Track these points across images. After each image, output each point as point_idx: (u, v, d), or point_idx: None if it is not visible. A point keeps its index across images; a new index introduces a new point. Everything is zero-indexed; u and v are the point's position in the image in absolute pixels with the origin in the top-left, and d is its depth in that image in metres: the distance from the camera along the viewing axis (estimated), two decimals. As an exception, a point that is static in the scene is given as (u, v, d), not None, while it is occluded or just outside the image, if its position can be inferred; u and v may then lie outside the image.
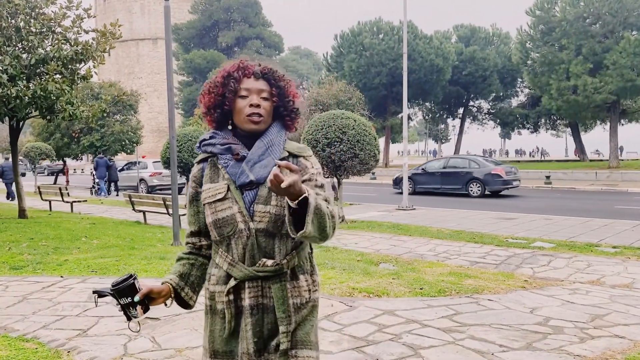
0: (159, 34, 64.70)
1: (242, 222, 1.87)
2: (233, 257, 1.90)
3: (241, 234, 1.87)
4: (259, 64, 1.99)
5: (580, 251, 8.36)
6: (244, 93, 1.92)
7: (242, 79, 1.94)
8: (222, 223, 1.89)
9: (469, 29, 44.40)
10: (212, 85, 1.98)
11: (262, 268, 1.86)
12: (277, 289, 1.88)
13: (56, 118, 12.62)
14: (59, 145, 26.67)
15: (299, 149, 2.00)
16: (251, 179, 1.88)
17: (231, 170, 1.91)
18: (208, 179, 1.96)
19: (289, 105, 2.00)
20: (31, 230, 10.85)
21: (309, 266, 2.00)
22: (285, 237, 1.90)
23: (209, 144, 1.98)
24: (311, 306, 1.96)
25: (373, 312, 5.07)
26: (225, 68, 1.99)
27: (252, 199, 1.88)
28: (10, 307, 5.34)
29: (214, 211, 1.90)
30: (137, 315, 1.85)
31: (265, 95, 1.94)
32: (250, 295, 1.88)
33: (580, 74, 27.89)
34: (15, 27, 11.50)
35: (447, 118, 50.62)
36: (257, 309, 1.88)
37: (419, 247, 9.00)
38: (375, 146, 11.85)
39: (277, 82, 1.97)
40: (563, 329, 4.58)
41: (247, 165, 1.89)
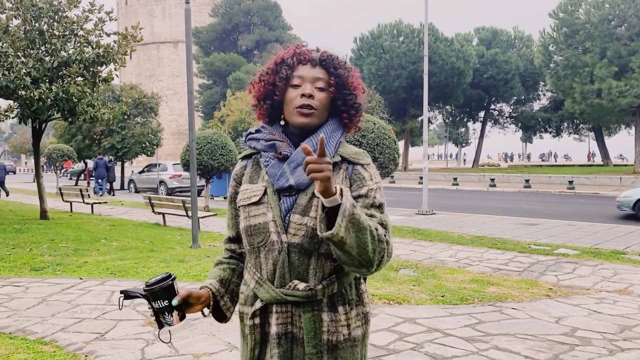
0: (180, 37, 65.25)
1: (275, 233, 1.60)
2: (261, 274, 1.64)
3: (272, 246, 1.60)
4: (318, 49, 1.72)
5: (606, 259, 8.14)
6: (297, 82, 1.65)
7: (296, 66, 1.67)
8: (254, 231, 1.64)
9: (490, 31, 43.96)
10: (264, 73, 1.73)
11: (292, 292, 1.59)
12: (307, 319, 1.59)
13: (77, 120, 12.73)
14: (80, 147, 27.01)
15: (355, 154, 1.69)
16: (290, 183, 1.60)
17: (271, 171, 1.65)
18: (248, 179, 1.73)
19: (349, 98, 1.69)
20: (52, 232, 10.95)
21: (353, 296, 1.68)
22: (324, 258, 1.60)
23: (253, 139, 1.74)
24: (350, 345, 1.64)
25: (393, 319, 4.96)
26: (279, 54, 1.73)
27: (290, 207, 1.61)
28: (30, 309, 5.35)
29: (247, 216, 1.66)
30: (172, 323, 1.58)
31: (322, 85, 1.65)
32: (278, 322, 1.61)
33: (605, 77, 27.41)
34: (39, 30, 11.64)
35: (467, 121, 50.16)
36: (286, 338, 1.61)
37: (440, 252, 8.86)
38: (394, 150, 11.73)
39: (336, 71, 1.67)
40: (591, 340, 4.43)
41: (288, 166, 1.62)
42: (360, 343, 1.67)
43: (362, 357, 1.68)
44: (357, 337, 1.65)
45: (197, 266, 7.37)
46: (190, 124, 9.80)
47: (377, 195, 1.63)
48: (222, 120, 29.51)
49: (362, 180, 1.64)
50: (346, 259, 1.48)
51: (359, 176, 1.65)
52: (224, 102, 31.70)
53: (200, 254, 8.45)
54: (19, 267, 7.43)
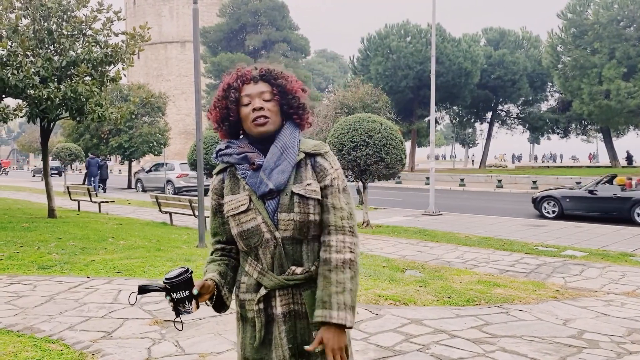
0: (187, 37, 65.41)
1: (268, 232, 1.85)
2: (263, 266, 1.88)
3: (268, 243, 1.85)
4: (256, 68, 1.96)
5: (614, 261, 8.10)
6: (246, 100, 1.90)
7: (242, 86, 1.92)
8: (248, 234, 1.87)
9: (498, 32, 43.79)
10: (216, 100, 1.97)
11: (292, 277, 1.86)
12: (307, 295, 1.86)
13: (85, 119, 12.78)
14: (88, 146, 27.12)
15: (314, 146, 1.94)
16: (270, 187, 1.84)
17: (250, 181, 1.88)
18: (229, 191, 1.94)
19: (293, 102, 1.94)
20: (60, 230, 11.00)
21: None
22: (312, 243, 1.89)
23: (225, 154, 1.96)
24: None
25: (400, 320, 4.95)
26: (225, 80, 1.97)
27: (275, 207, 1.86)
28: (38, 307, 5.38)
29: (238, 223, 1.89)
30: (191, 310, 1.80)
31: (267, 97, 1.90)
32: (282, 303, 1.87)
33: (614, 78, 27.26)
34: (48, 29, 11.69)
35: (474, 122, 49.98)
36: (290, 315, 1.87)
37: (446, 253, 8.84)
38: (401, 150, 11.73)
39: (276, 81, 1.93)
40: (598, 343, 4.40)
41: (264, 173, 1.86)
42: None
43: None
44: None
45: (204, 265, 7.38)
46: (198, 123, 9.83)
47: (339, 183, 1.92)
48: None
49: (324, 170, 1.91)
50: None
51: (320, 167, 1.91)
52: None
53: (206, 254, 8.41)
54: (27, 265, 7.47)
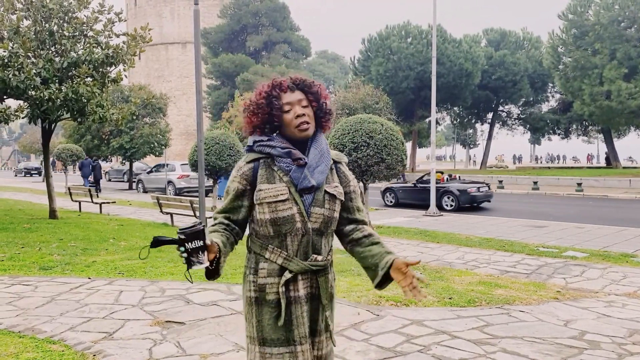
0: (188, 38, 65.44)
1: (300, 222, 2.09)
2: (288, 252, 2.10)
3: (297, 232, 2.09)
4: (290, 77, 2.19)
5: (615, 262, 8.09)
6: (287, 107, 2.12)
7: (280, 94, 2.14)
8: (282, 221, 2.08)
9: (499, 32, 43.79)
10: (256, 107, 2.16)
11: (315, 263, 2.12)
12: (322, 280, 2.16)
13: (87, 120, 12.80)
14: (89, 146, 27.16)
15: (337, 155, 2.27)
16: (313, 184, 2.09)
17: (294, 175, 2.09)
18: (265, 180, 2.12)
19: (324, 107, 2.20)
20: (61, 231, 11.01)
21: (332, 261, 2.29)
22: (329, 236, 2.20)
23: (267, 145, 2.14)
24: (334, 295, 2.27)
25: (401, 321, 4.95)
26: (261, 90, 2.17)
27: (310, 202, 2.11)
28: (39, 308, 5.38)
29: (273, 210, 2.08)
30: (204, 262, 1.91)
31: (305, 104, 2.15)
32: (304, 285, 2.13)
33: (615, 79, 27.24)
34: (49, 31, 11.71)
35: (475, 123, 49.96)
36: (310, 297, 2.15)
37: (447, 254, 8.84)
38: (402, 151, 11.71)
39: (310, 89, 2.17)
40: (600, 344, 4.40)
41: (308, 171, 2.09)
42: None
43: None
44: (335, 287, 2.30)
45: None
46: (199, 124, 9.84)
47: (357, 189, 2.30)
48: (230, 121, 29.58)
49: (347, 178, 2.27)
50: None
51: (344, 174, 2.27)
52: (232, 103, 31.74)
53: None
54: (28, 266, 7.48)
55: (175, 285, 6.35)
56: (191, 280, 2.08)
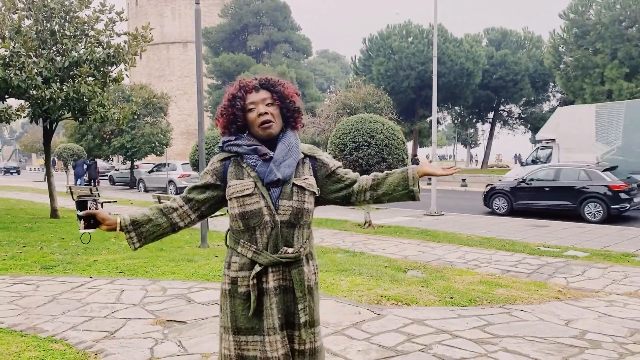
0: (189, 37, 65.45)
1: (268, 215, 2.15)
2: (257, 246, 2.17)
3: (266, 225, 2.15)
4: (255, 78, 2.27)
5: (616, 261, 8.08)
6: (251, 106, 2.21)
7: (245, 95, 2.22)
8: (250, 215, 2.15)
9: (500, 32, 43.77)
10: (223, 109, 2.26)
11: (285, 255, 2.16)
12: (295, 273, 2.18)
13: (88, 120, 12.81)
14: (91, 146, 27.17)
15: (310, 149, 2.33)
16: (279, 177, 2.14)
17: (260, 169, 2.16)
18: (233, 176, 2.21)
19: (290, 105, 2.26)
20: (62, 230, 11.02)
21: (313, 253, 2.33)
22: (303, 228, 2.21)
23: (234, 144, 2.24)
24: (316, 287, 2.30)
25: (402, 321, 4.96)
26: (229, 91, 2.27)
27: (278, 195, 2.17)
28: (41, 307, 5.39)
29: (241, 204, 2.16)
30: (80, 228, 2.25)
31: (269, 102, 2.22)
32: (274, 278, 2.17)
33: (616, 78, 27.22)
34: (50, 30, 11.72)
35: (476, 122, 49.97)
36: (280, 289, 2.18)
37: (448, 254, 8.84)
38: (403, 150, 11.72)
39: (274, 88, 2.25)
40: (601, 344, 4.40)
41: (274, 164, 2.15)
42: (318, 284, 2.34)
43: (318, 295, 2.33)
44: (317, 281, 2.32)
45: (206, 265, 7.40)
46: (200, 124, 9.84)
47: (338, 164, 2.37)
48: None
49: (326, 165, 2.33)
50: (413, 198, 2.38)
51: (322, 163, 2.32)
52: (233, 102, 31.62)
53: (208, 254, 8.48)
54: (30, 265, 7.49)
55: (176, 284, 6.36)
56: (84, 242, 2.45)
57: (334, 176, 2.34)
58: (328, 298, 5.74)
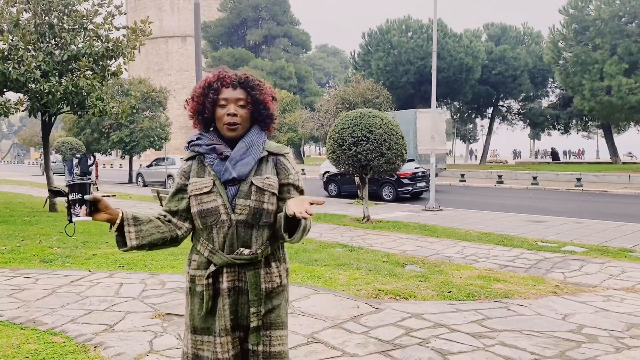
0: (188, 31, 65.35)
1: (225, 214, 2.09)
2: (214, 245, 2.12)
3: (223, 224, 2.10)
4: (235, 74, 2.17)
5: (614, 256, 8.11)
6: (223, 102, 2.13)
7: (221, 89, 2.14)
8: (207, 213, 2.11)
9: (499, 27, 43.70)
10: (195, 94, 2.19)
11: (239, 256, 2.09)
12: (251, 275, 2.11)
13: (87, 114, 12.80)
14: (89, 140, 27.13)
15: (277, 147, 2.23)
16: (234, 175, 2.10)
17: (216, 168, 2.12)
18: (195, 174, 2.18)
19: (263, 112, 2.19)
20: (61, 224, 11.03)
21: (280, 254, 2.24)
22: (262, 229, 2.14)
23: (196, 145, 2.19)
24: (281, 290, 2.21)
25: (400, 315, 4.98)
26: (206, 78, 2.19)
27: (234, 193, 2.11)
28: (40, 300, 5.41)
29: (199, 202, 2.12)
30: (79, 214, 1.94)
31: (242, 103, 2.14)
32: (228, 279, 2.11)
33: (615, 74, 27.21)
34: (49, 23, 11.70)
35: (475, 118, 49.96)
36: (234, 291, 2.12)
37: (446, 249, 8.87)
38: (402, 146, 11.73)
39: (252, 91, 2.16)
40: (597, 338, 4.43)
41: (230, 163, 2.11)
42: (285, 288, 2.25)
43: (286, 299, 2.26)
44: (284, 284, 2.23)
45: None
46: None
47: (299, 184, 2.22)
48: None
49: (286, 170, 2.20)
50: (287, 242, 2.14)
51: (283, 166, 2.20)
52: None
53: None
54: (29, 258, 7.50)
55: (175, 278, 6.38)
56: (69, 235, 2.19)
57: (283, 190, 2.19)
58: (326, 292, 5.76)
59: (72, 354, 3.90)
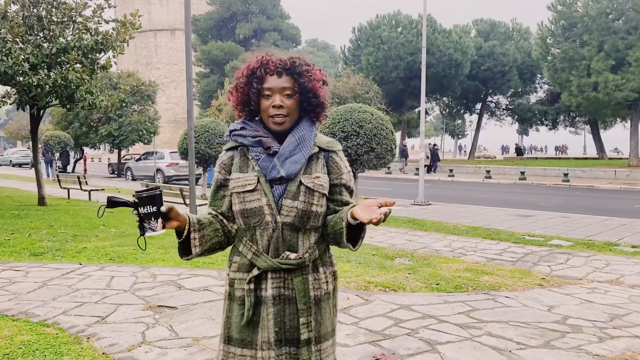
0: (177, 25, 64.92)
1: (270, 215, 1.89)
2: (258, 247, 1.92)
3: (267, 225, 1.90)
4: (280, 60, 1.94)
5: (599, 250, 8.26)
6: (267, 92, 1.91)
7: (265, 77, 1.92)
8: (250, 213, 1.91)
9: (488, 23, 43.89)
10: (239, 84, 1.98)
11: (286, 260, 1.90)
12: (299, 281, 1.91)
13: (76, 107, 12.74)
14: (78, 134, 26.99)
15: (328, 143, 2.01)
16: (282, 174, 1.89)
17: (262, 164, 1.92)
18: (237, 168, 1.97)
19: (313, 100, 1.96)
20: (50, 218, 10.99)
21: (327, 258, 2.05)
22: (309, 232, 1.94)
23: (239, 135, 1.99)
24: (327, 297, 2.00)
25: (389, 306, 5.06)
26: (249, 64, 1.97)
27: (281, 193, 1.91)
28: (31, 293, 5.42)
29: (242, 201, 1.93)
30: (156, 228, 1.80)
31: (289, 92, 1.91)
32: (273, 285, 1.91)
33: (602, 70, 27.46)
34: (37, 16, 11.60)
35: (464, 113, 50.17)
36: (280, 299, 1.91)
37: (435, 242, 8.97)
38: (392, 140, 11.81)
39: (300, 78, 1.92)
40: (582, 328, 4.54)
41: (278, 160, 1.90)
42: (333, 294, 2.05)
43: (334, 305, 2.07)
44: (331, 290, 2.04)
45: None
46: (189, 112, 9.85)
47: (351, 184, 2.03)
48: (219, 109, 29.48)
49: (339, 169, 2.00)
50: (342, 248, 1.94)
51: (335, 165, 2.00)
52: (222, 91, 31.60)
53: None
54: (19, 252, 7.49)
55: (166, 271, 6.41)
56: (143, 248, 2.03)
57: (334, 190, 2.00)
58: (317, 284, 5.82)
59: (66, 345, 3.93)
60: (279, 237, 1.90)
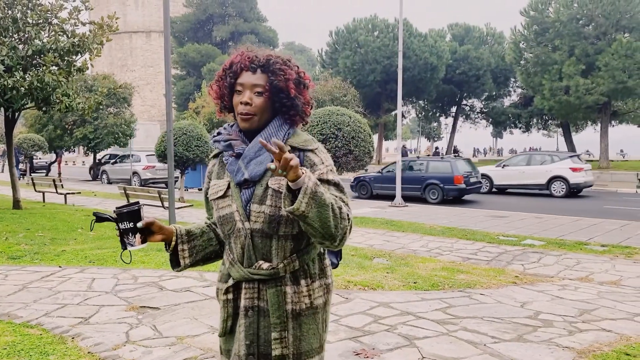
0: (153, 27, 64.52)
1: (240, 222, 1.80)
2: (234, 256, 1.85)
3: (239, 233, 1.81)
4: (256, 56, 1.84)
5: (570, 249, 8.53)
6: (239, 88, 1.83)
7: (240, 72, 1.84)
8: (223, 220, 1.85)
9: (463, 28, 44.61)
10: (217, 78, 1.91)
11: (257, 271, 1.79)
12: (272, 294, 1.79)
13: (52, 109, 12.62)
14: (52, 137, 26.57)
15: (304, 141, 1.86)
16: (245, 177, 1.80)
17: (230, 168, 1.85)
18: (215, 175, 1.94)
19: (284, 101, 1.83)
20: (27, 221, 10.88)
21: (316, 270, 1.88)
22: (284, 240, 1.80)
23: (217, 140, 1.92)
24: (312, 313, 1.84)
25: (369, 304, 5.20)
26: (230, 58, 1.90)
27: (249, 197, 1.81)
28: (12, 295, 5.42)
29: (217, 208, 1.88)
30: (134, 244, 1.80)
31: (259, 90, 1.80)
32: (246, 296, 1.82)
33: (573, 74, 28.15)
34: (12, 17, 11.48)
35: (440, 116, 50.88)
36: (253, 311, 1.81)
37: (412, 243, 9.14)
38: (369, 143, 12.00)
39: (272, 76, 1.81)
40: (552, 323, 4.73)
41: (242, 162, 1.81)
42: (322, 310, 1.88)
43: (322, 321, 1.89)
44: (319, 305, 1.86)
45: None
46: (168, 114, 9.84)
47: (329, 177, 1.80)
48: (197, 111, 29.35)
49: (313, 165, 1.81)
50: (311, 231, 1.66)
51: (310, 162, 1.82)
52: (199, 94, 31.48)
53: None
54: (-4, 255, 7.43)
55: (147, 272, 6.45)
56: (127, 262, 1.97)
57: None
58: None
59: (51, 345, 3.97)
60: (250, 245, 1.80)
